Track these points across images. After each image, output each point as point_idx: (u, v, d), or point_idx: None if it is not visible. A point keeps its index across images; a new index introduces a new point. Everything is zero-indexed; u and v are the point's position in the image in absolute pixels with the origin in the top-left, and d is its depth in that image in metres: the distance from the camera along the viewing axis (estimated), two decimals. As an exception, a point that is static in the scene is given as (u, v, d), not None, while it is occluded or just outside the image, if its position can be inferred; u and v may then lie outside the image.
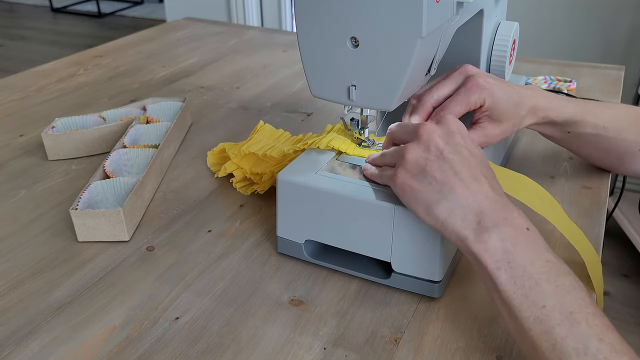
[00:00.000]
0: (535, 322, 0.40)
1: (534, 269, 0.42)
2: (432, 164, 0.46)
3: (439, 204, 0.46)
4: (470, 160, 0.47)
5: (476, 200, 0.45)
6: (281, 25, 2.20)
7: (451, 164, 0.46)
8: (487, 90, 0.57)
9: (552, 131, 0.65)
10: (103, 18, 4.47)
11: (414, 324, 0.50)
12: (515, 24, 0.69)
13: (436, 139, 0.47)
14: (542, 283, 0.41)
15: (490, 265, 0.43)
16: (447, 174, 0.46)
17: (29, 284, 0.56)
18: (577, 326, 0.39)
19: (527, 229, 0.44)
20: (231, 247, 0.60)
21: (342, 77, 0.52)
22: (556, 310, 0.40)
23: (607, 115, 0.64)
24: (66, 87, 1.03)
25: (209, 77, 1.08)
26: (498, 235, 0.43)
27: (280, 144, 0.68)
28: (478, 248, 0.44)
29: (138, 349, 0.48)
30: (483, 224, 0.44)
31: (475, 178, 0.46)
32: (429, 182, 0.46)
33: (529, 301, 0.41)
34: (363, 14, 0.48)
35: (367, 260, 0.55)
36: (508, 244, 0.43)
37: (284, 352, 0.48)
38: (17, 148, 0.81)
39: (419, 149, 0.47)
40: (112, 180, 0.65)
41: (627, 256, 1.78)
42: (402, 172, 0.48)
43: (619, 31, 1.70)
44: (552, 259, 0.43)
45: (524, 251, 0.43)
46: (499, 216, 0.44)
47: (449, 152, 0.47)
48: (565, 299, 0.40)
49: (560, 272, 0.42)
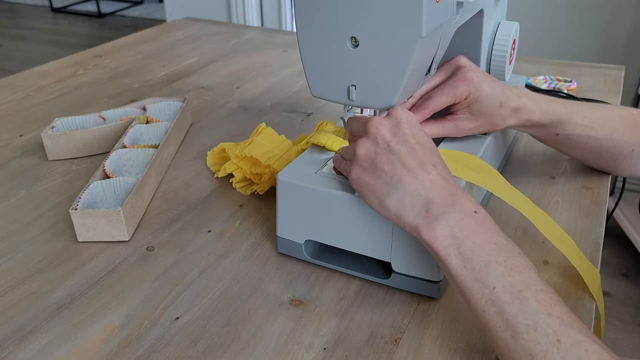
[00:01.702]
0: (488, 304, 0.41)
1: (483, 252, 0.43)
2: (380, 157, 0.47)
3: (389, 196, 0.47)
4: (417, 150, 0.48)
5: (425, 188, 0.46)
6: (281, 25, 2.20)
7: (398, 155, 0.47)
8: (474, 84, 0.58)
9: (540, 133, 0.65)
10: (103, 18, 4.47)
11: (414, 324, 0.50)
12: (515, 24, 0.69)
13: (383, 132, 0.48)
14: (492, 265, 0.42)
15: (440, 251, 0.44)
16: (395, 166, 0.47)
17: (29, 284, 0.56)
18: (526, 303, 0.40)
19: (475, 212, 0.45)
20: (231, 247, 0.60)
21: (342, 77, 0.52)
22: (506, 290, 0.41)
23: (596, 116, 0.63)
24: (66, 87, 1.03)
25: (209, 77, 1.08)
26: (446, 222, 0.44)
27: (283, 153, 0.68)
28: (428, 236, 0.45)
29: (138, 349, 0.48)
30: (431, 212, 0.45)
31: (423, 167, 0.47)
32: (379, 175, 0.47)
33: (480, 283, 0.42)
34: (363, 14, 0.48)
35: (367, 260, 0.55)
36: (456, 230, 0.44)
37: (284, 352, 0.48)
38: (17, 148, 0.81)
39: (368, 142, 0.49)
40: (112, 180, 0.65)
41: (627, 256, 1.78)
42: (355, 167, 0.49)
43: (619, 31, 1.70)
44: (500, 241, 0.44)
45: (472, 235, 0.44)
46: (447, 203, 0.45)
47: (396, 143, 0.48)
48: (514, 278, 0.41)
49: (509, 253, 0.43)
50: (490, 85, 0.59)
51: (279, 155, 0.68)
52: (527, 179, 0.71)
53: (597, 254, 0.58)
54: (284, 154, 0.68)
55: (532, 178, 0.72)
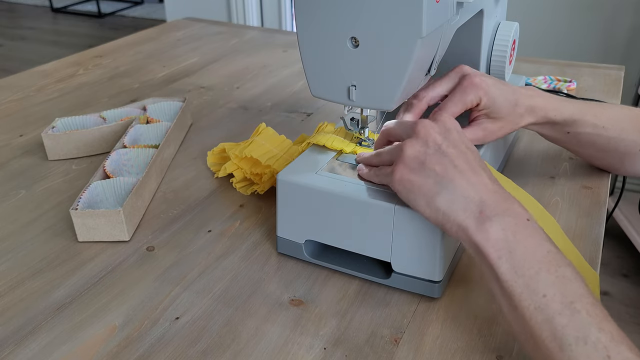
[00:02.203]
0: (536, 311, 0.41)
1: (534, 259, 0.42)
2: (431, 158, 0.47)
3: (439, 196, 0.46)
4: (468, 155, 0.47)
5: (477, 191, 0.45)
6: (281, 25, 2.20)
7: (450, 157, 0.47)
8: (482, 89, 0.57)
9: (551, 131, 0.65)
10: (103, 18, 4.47)
11: (414, 324, 0.50)
12: (515, 24, 0.69)
13: (434, 135, 0.48)
14: (543, 272, 0.41)
15: (491, 254, 0.43)
16: (446, 167, 0.46)
17: (29, 284, 0.56)
18: (578, 315, 0.39)
19: (527, 220, 0.45)
20: (231, 247, 0.60)
21: (342, 77, 0.52)
22: (556, 299, 0.40)
23: (606, 115, 0.64)
24: (66, 87, 1.03)
25: (209, 77, 1.08)
26: (500, 224, 0.44)
27: (284, 153, 0.68)
28: (480, 237, 0.44)
29: (138, 349, 0.48)
30: (485, 213, 0.44)
31: (474, 170, 0.47)
32: (428, 174, 0.47)
33: (530, 290, 0.41)
34: (363, 14, 0.48)
35: (367, 260, 0.55)
36: (509, 234, 0.43)
37: (284, 352, 0.48)
38: (17, 148, 0.81)
39: (418, 144, 0.48)
40: (112, 180, 0.65)
41: (627, 256, 1.78)
42: (401, 167, 0.48)
43: (619, 31, 1.70)
44: (552, 250, 0.43)
45: (525, 241, 0.43)
46: (500, 206, 0.45)
47: (447, 146, 0.47)
48: (565, 288, 0.41)
49: (560, 263, 0.42)
50: (498, 87, 0.59)
51: (279, 156, 0.68)
52: (527, 179, 0.71)
53: (597, 254, 0.58)
54: (284, 154, 0.68)
55: (532, 178, 0.72)
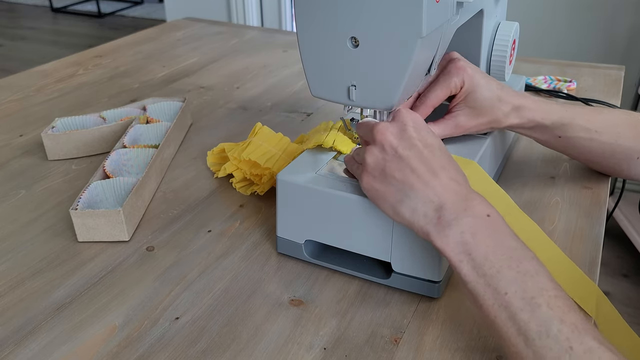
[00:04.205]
0: (500, 309, 0.41)
1: (495, 257, 0.43)
2: (389, 164, 0.47)
3: (402, 204, 0.47)
4: (425, 154, 0.47)
5: (436, 194, 0.46)
6: (281, 25, 2.20)
7: (407, 161, 0.47)
8: (467, 73, 0.58)
9: (543, 135, 0.64)
10: (103, 18, 4.47)
11: (414, 324, 0.50)
12: (515, 24, 0.69)
13: (389, 138, 0.48)
14: (504, 270, 0.42)
15: (452, 258, 0.44)
16: (404, 172, 0.47)
17: (29, 284, 0.56)
18: (538, 310, 0.40)
19: (488, 215, 0.45)
20: (231, 247, 0.60)
21: (342, 77, 0.52)
22: (518, 296, 0.41)
23: (599, 120, 0.63)
24: (66, 87, 1.03)
25: (209, 77, 1.08)
26: (458, 228, 0.44)
27: (282, 152, 0.68)
28: (440, 243, 0.45)
29: (138, 349, 0.48)
30: (443, 218, 0.45)
31: (432, 171, 0.47)
32: (390, 182, 0.47)
33: (492, 289, 0.42)
34: (363, 14, 0.48)
35: (367, 260, 0.55)
36: (468, 236, 0.44)
37: (284, 352, 0.48)
38: (17, 148, 0.81)
39: (376, 150, 0.48)
40: (112, 180, 0.65)
41: (627, 256, 1.78)
42: (366, 175, 0.49)
43: (619, 31, 1.70)
44: (513, 245, 0.44)
45: (485, 240, 0.43)
46: (459, 207, 0.45)
47: (403, 148, 0.47)
48: (526, 284, 0.41)
49: (522, 258, 0.43)
50: (484, 77, 0.59)
51: (278, 155, 0.67)
52: (527, 179, 0.71)
53: (597, 254, 0.58)
54: (282, 153, 0.68)
55: (532, 178, 0.72)
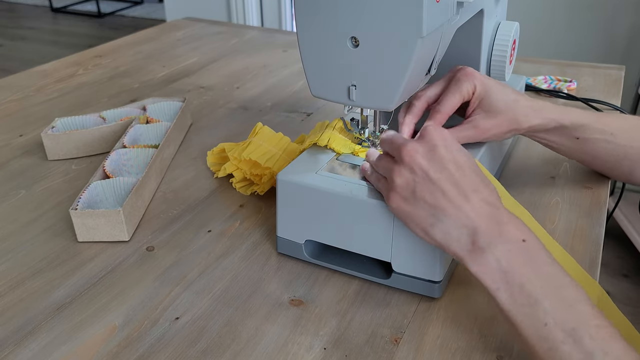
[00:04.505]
0: (540, 340, 0.41)
1: (532, 286, 0.42)
2: (420, 187, 0.46)
3: (434, 227, 0.46)
4: (456, 176, 0.46)
5: (469, 218, 0.44)
6: (281, 25, 2.20)
7: (438, 184, 0.46)
8: (476, 77, 0.58)
9: (560, 138, 0.63)
10: (103, 18, 4.47)
11: (414, 324, 0.50)
12: (515, 24, 0.69)
13: (419, 160, 0.47)
14: (542, 300, 0.41)
15: (489, 286, 0.43)
16: (436, 196, 0.45)
17: (29, 284, 0.56)
18: (580, 342, 0.39)
19: (523, 241, 0.44)
20: (231, 247, 0.60)
21: (342, 77, 0.52)
22: (558, 327, 0.40)
23: (615, 123, 0.63)
24: (66, 87, 1.03)
25: (209, 77, 1.08)
26: (493, 255, 0.43)
27: (282, 152, 0.68)
28: (476, 270, 0.44)
29: (138, 349, 0.48)
30: (477, 244, 0.44)
31: (465, 195, 0.45)
32: (421, 206, 0.46)
33: (531, 319, 0.41)
34: (363, 14, 0.48)
35: (367, 260, 0.55)
36: (504, 263, 0.43)
37: (284, 352, 0.47)
38: (17, 148, 0.81)
39: (406, 171, 0.47)
40: (112, 180, 0.65)
41: (627, 256, 1.78)
42: (394, 195, 0.48)
43: (619, 31, 1.70)
44: (551, 271, 0.43)
45: (521, 268, 0.43)
46: (494, 232, 0.44)
47: (434, 171, 0.46)
48: (566, 314, 0.40)
49: (560, 285, 0.42)
50: (495, 82, 0.59)
51: (278, 155, 0.67)
52: (527, 179, 0.71)
53: (597, 254, 0.58)
54: (282, 153, 0.68)
55: (532, 178, 0.72)
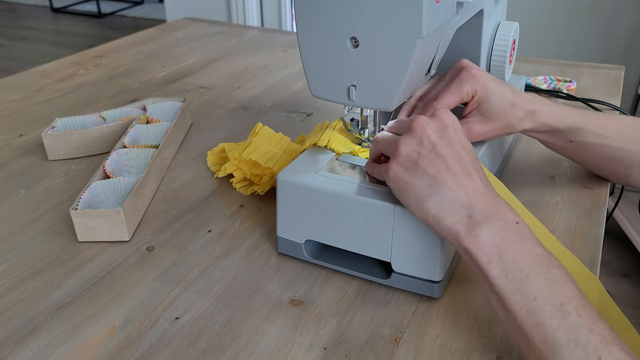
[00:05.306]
0: (527, 315, 0.41)
1: (524, 263, 0.42)
2: (424, 158, 0.46)
3: (430, 199, 0.46)
4: (463, 155, 0.47)
5: (467, 195, 0.45)
6: (281, 25, 2.21)
7: (444, 158, 0.46)
8: (480, 81, 0.57)
9: (554, 139, 0.64)
10: (103, 18, 4.47)
11: (414, 324, 0.50)
12: (515, 24, 0.69)
13: (429, 133, 0.47)
14: (533, 276, 0.42)
15: (481, 259, 0.43)
16: (439, 169, 0.46)
17: (29, 284, 0.56)
18: (568, 317, 0.40)
19: (517, 223, 0.45)
20: (231, 247, 0.60)
21: (342, 77, 0.52)
22: (547, 302, 0.41)
23: (610, 125, 0.63)
24: (66, 87, 1.03)
25: (209, 77, 1.08)
26: (488, 229, 0.44)
27: (282, 152, 0.68)
28: (469, 243, 0.44)
29: (138, 349, 0.48)
30: (474, 218, 0.44)
31: (467, 173, 0.46)
32: (421, 176, 0.46)
33: (520, 294, 0.42)
34: (363, 14, 0.48)
35: (367, 260, 0.55)
36: (498, 238, 0.43)
37: (284, 352, 0.48)
38: (17, 148, 0.81)
39: (412, 142, 0.47)
40: (112, 180, 0.65)
41: (627, 256, 1.78)
42: (395, 165, 0.48)
43: (619, 31, 1.70)
44: (542, 252, 0.43)
45: (514, 245, 0.43)
46: (490, 210, 0.45)
47: (442, 146, 0.47)
48: (555, 291, 0.41)
49: (550, 265, 0.43)
50: (497, 84, 0.59)
51: (279, 155, 0.68)
52: (527, 179, 0.71)
53: (597, 254, 0.58)
54: (282, 153, 0.68)
55: (532, 178, 0.72)
